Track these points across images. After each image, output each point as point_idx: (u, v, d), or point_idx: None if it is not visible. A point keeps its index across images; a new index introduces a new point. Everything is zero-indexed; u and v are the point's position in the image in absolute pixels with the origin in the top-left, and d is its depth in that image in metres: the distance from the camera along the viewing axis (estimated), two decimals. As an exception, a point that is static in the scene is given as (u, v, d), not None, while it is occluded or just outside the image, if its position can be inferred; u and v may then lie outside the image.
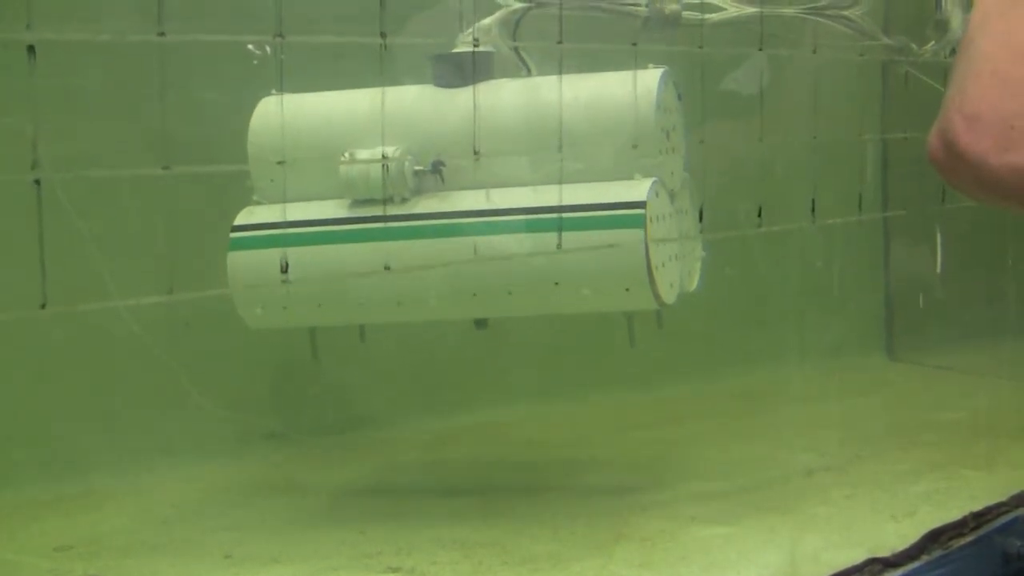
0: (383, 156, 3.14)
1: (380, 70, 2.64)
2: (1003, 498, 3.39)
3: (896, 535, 3.21)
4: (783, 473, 3.95)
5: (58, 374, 3.91)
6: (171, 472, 4.04)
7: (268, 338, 4.22)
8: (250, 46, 2.84)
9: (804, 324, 4.71)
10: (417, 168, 3.21)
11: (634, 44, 3.09)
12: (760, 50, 3.32)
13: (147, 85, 2.46)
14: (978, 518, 3.25)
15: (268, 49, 2.66)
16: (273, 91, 3.25)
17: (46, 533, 3.58)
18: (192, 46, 2.33)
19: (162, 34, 2.15)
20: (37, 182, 2.02)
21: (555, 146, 3.12)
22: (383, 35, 2.41)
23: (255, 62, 3.02)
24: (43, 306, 2.03)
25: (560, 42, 2.81)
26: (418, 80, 3.36)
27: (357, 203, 3.23)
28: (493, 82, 3.31)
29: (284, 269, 2.96)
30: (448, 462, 4.38)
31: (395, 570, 3.16)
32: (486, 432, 4.63)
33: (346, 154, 3.19)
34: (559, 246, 3.04)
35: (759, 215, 3.32)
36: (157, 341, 3.57)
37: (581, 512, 3.56)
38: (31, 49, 1.99)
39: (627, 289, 3.11)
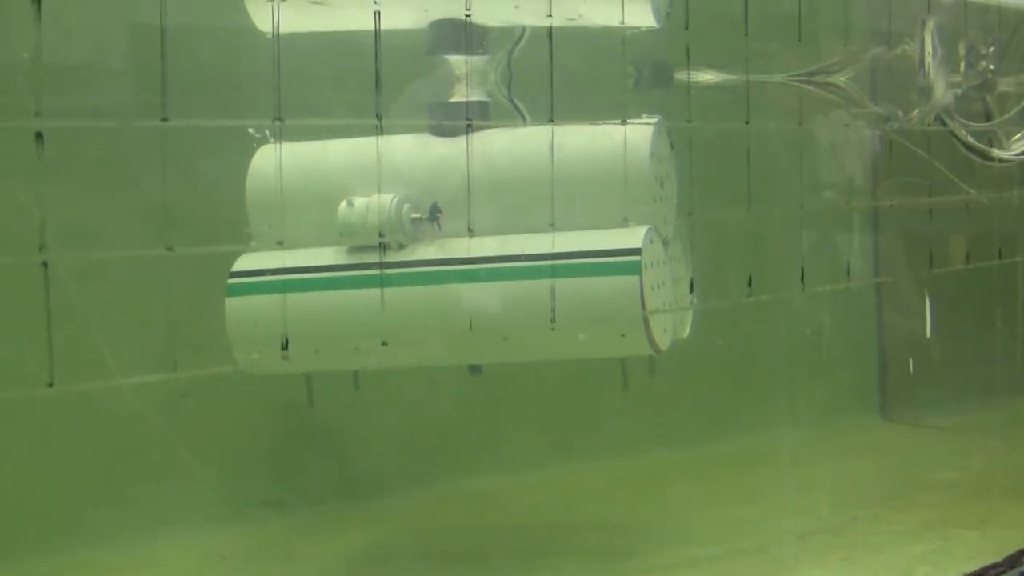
0: (380, 203, 3.17)
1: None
2: (998, 558, 3.41)
3: (892, 598, 3.24)
4: (778, 537, 3.96)
5: (58, 447, 3.93)
6: (170, 542, 4.03)
7: (265, 407, 4.27)
8: (251, 130, 2.90)
9: (797, 386, 4.74)
10: (414, 215, 3.24)
11: (623, 122, 3.15)
12: (747, 123, 3.39)
13: (148, 162, 2.50)
14: (973, 579, 3.28)
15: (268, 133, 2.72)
16: (271, 139, 3.28)
17: (47, 606, 3.59)
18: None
19: (165, 119, 2.21)
20: (44, 264, 2.06)
21: (550, 194, 3.17)
22: (379, 116, 2.47)
23: (255, 144, 3.07)
24: (51, 385, 2.06)
25: (551, 120, 2.88)
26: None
27: (354, 250, 3.25)
28: (488, 131, 3.36)
29: (284, 346, 3.00)
30: (445, 529, 4.38)
31: (392, 639, 3.17)
32: (483, 498, 4.64)
33: (344, 201, 3.22)
34: (554, 293, 3.08)
35: (749, 284, 3.37)
36: (155, 411, 3.59)
37: (579, 578, 3.58)
38: (39, 136, 2.04)
39: (623, 335, 3.13)
